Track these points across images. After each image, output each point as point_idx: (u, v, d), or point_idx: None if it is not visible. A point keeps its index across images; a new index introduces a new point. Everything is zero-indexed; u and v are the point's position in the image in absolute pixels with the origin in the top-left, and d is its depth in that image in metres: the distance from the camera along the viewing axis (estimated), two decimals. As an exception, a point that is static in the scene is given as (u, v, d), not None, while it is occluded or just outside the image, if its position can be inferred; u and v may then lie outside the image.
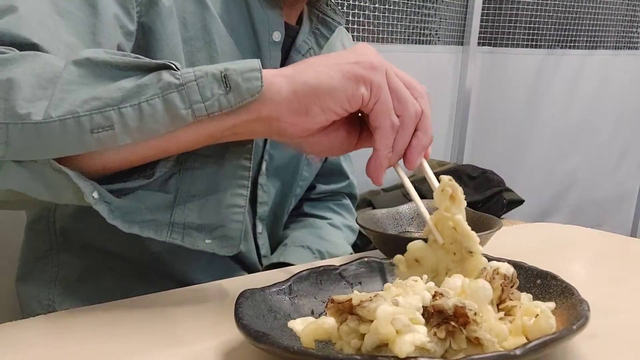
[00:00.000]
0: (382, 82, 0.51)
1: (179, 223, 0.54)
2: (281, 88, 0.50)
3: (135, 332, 0.49)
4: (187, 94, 0.48)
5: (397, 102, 0.52)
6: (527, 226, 0.95)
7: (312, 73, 0.50)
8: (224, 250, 0.55)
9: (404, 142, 0.53)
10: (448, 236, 0.51)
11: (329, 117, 0.51)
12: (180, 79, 0.48)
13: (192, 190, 0.55)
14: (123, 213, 0.52)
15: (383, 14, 2.06)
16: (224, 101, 0.49)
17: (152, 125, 0.49)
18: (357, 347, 0.40)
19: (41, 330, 0.50)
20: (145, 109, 0.48)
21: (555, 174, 2.51)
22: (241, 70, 0.49)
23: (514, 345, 0.38)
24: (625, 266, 0.70)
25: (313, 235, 0.86)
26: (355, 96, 0.50)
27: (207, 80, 0.49)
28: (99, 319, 0.52)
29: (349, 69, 0.50)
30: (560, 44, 2.40)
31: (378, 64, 0.51)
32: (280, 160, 0.80)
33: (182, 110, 0.48)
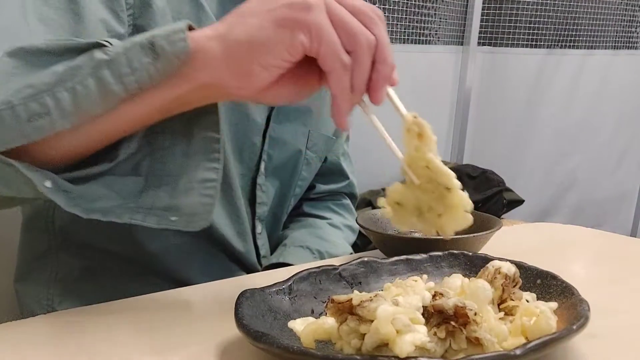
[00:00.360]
0: (321, 21, 0.45)
1: (146, 206, 0.52)
2: (214, 51, 0.47)
3: (135, 332, 0.49)
4: (117, 68, 0.47)
5: (346, 36, 0.46)
6: (527, 226, 0.95)
7: (243, 27, 0.47)
8: (191, 226, 0.53)
9: (361, 79, 0.48)
10: (423, 175, 0.48)
11: (273, 72, 0.47)
12: (110, 53, 0.47)
13: (165, 171, 0.53)
14: (86, 201, 0.50)
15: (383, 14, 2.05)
16: (152, 69, 0.47)
17: (88, 106, 0.47)
18: (357, 347, 0.40)
19: (40, 330, 0.50)
20: (79, 90, 0.47)
21: (555, 173, 2.51)
22: (166, 34, 0.47)
23: (513, 346, 0.38)
24: (625, 266, 0.70)
25: (313, 236, 0.86)
26: (294, 45, 0.46)
27: (134, 50, 0.47)
28: (98, 319, 0.52)
29: (281, 15, 0.46)
30: (560, 43, 2.40)
31: (314, 0, 0.46)
32: (278, 160, 0.80)
33: (114, 86, 0.47)
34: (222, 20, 0.49)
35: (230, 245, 0.75)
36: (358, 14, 0.47)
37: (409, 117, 0.48)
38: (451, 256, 0.57)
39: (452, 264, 0.56)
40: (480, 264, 0.51)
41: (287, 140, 0.79)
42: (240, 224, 0.76)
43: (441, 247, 0.58)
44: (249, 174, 0.77)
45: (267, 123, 0.76)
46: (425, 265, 0.56)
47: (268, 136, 0.77)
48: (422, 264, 0.56)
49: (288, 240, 0.85)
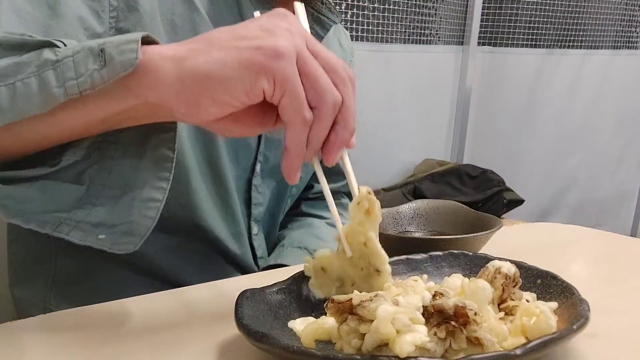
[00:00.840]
0: (288, 72, 0.43)
1: (75, 219, 0.50)
2: (166, 73, 0.44)
3: (134, 333, 0.49)
4: (62, 71, 0.44)
5: (313, 91, 0.44)
6: (527, 226, 0.95)
7: (205, 58, 0.44)
8: (116, 247, 0.51)
9: (319, 138, 0.46)
10: (357, 250, 0.48)
11: (225, 109, 0.45)
12: (59, 55, 0.45)
13: (108, 183, 0.51)
14: (15, 202, 0.49)
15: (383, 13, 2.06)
16: (96, 77, 0.44)
17: (25, 106, 0.45)
18: (358, 347, 0.40)
19: (38, 331, 0.50)
20: (19, 88, 0.45)
21: (555, 173, 2.51)
22: (119, 42, 0.44)
23: (513, 346, 0.38)
24: (625, 266, 0.70)
25: (311, 236, 0.86)
26: (255, 89, 0.43)
27: (83, 54, 0.44)
28: (96, 319, 0.52)
29: (248, 57, 0.43)
30: (560, 43, 2.41)
31: (286, 48, 0.43)
32: (275, 160, 0.80)
33: (55, 89, 0.44)
34: (186, 42, 0.46)
35: (226, 247, 0.75)
36: (330, 70, 0.45)
37: (364, 190, 0.47)
38: (451, 256, 0.57)
39: (452, 264, 0.56)
40: (480, 264, 0.51)
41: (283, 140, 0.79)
42: (236, 225, 0.76)
43: (441, 247, 0.58)
44: (244, 176, 0.77)
45: None
46: (425, 265, 0.56)
47: (264, 137, 0.76)
48: (422, 264, 0.56)
49: (286, 240, 0.84)
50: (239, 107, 0.45)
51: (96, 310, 0.54)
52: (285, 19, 0.46)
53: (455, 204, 0.75)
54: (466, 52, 2.30)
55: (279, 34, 0.44)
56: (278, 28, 0.45)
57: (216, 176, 0.72)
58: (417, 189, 2.06)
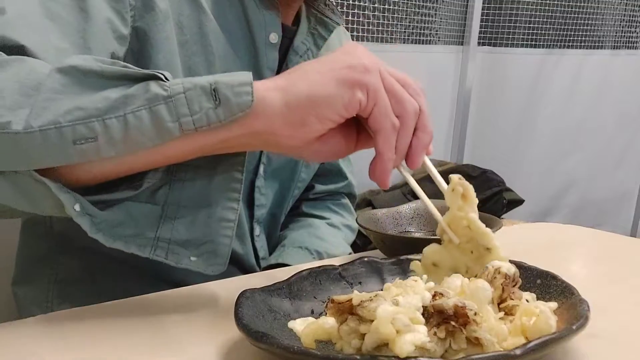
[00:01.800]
0: (377, 84, 0.49)
1: (164, 238, 0.52)
2: (273, 101, 0.49)
3: (134, 332, 0.49)
4: (174, 107, 0.47)
5: (395, 102, 0.50)
6: (527, 226, 0.95)
7: (305, 83, 0.49)
8: (210, 269, 0.53)
9: (405, 143, 0.51)
10: (463, 235, 0.50)
11: (326, 125, 0.50)
12: (169, 90, 0.47)
13: (182, 202, 0.53)
14: (109, 226, 0.50)
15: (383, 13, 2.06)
16: (212, 115, 0.47)
17: (138, 138, 0.47)
18: (358, 347, 0.40)
19: (38, 331, 0.50)
20: (131, 121, 0.46)
21: (555, 174, 2.51)
22: (231, 84, 0.48)
23: (513, 345, 0.38)
24: (625, 266, 0.70)
25: (311, 236, 0.86)
26: (352, 102, 0.49)
27: (195, 92, 0.47)
28: (97, 319, 0.52)
29: (343, 75, 0.49)
30: (560, 43, 2.41)
31: (371, 65, 0.50)
32: (277, 162, 0.80)
33: (169, 124, 0.47)
34: (283, 75, 0.51)
35: None
36: (405, 85, 0.51)
37: (455, 177, 0.50)
38: (451, 256, 0.56)
39: (452, 264, 0.56)
40: (480, 264, 0.51)
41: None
42: (239, 226, 0.76)
43: (441, 247, 0.58)
44: (247, 177, 0.77)
45: None
46: (425, 265, 0.56)
47: None
48: (422, 264, 0.56)
49: (287, 240, 0.85)
50: (339, 121, 0.50)
51: (96, 310, 0.54)
52: (357, 48, 0.52)
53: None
54: (466, 52, 2.30)
55: (362, 56, 0.50)
56: (358, 53, 0.51)
57: None
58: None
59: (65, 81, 0.47)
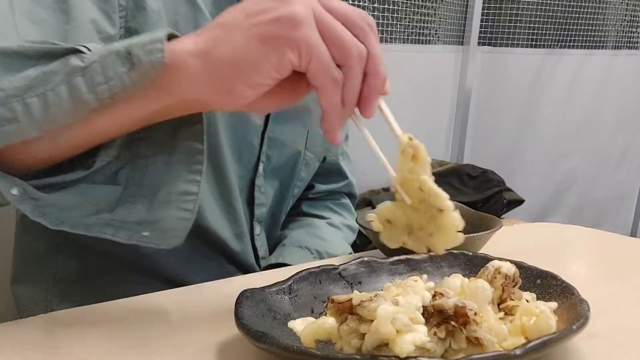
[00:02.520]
0: (310, 37, 0.43)
1: (119, 220, 0.51)
2: (196, 69, 0.45)
3: (134, 332, 0.49)
4: (90, 77, 0.44)
5: (336, 50, 0.44)
6: (527, 226, 0.95)
7: (228, 46, 0.44)
8: (164, 243, 0.51)
9: (353, 94, 0.46)
10: (416, 196, 0.47)
11: (259, 89, 0.45)
12: (86, 61, 0.45)
13: (145, 181, 0.51)
14: (57, 210, 0.49)
15: (383, 13, 2.06)
16: (127, 80, 0.44)
17: (58, 115, 0.45)
18: (358, 346, 0.40)
19: (38, 331, 0.50)
20: (51, 98, 0.45)
21: (555, 173, 2.51)
22: (143, 43, 0.44)
23: (513, 345, 0.38)
24: (625, 266, 0.70)
25: (311, 235, 0.86)
26: (283, 64, 0.43)
27: (110, 59, 0.44)
28: (97, 319, 0.52)
29: (268, 33, 0.43)
30: (560, 43, 2.41)
31: (302, 14, 0.43)
32: (277, 161, 0.80)
33: (86, 95, 0.45)
34: (203, 31, 0.46)
35: (228, 247, 0.75)
36: (348, 24, 0.45)
37: (404, 138, 0.47)
38: (451, 256, 0.57)
39: (452, 264, 0.56)
40: (480, 263, 0.51)
41: (286, 141, 0.79)
42: (238, 225, 0.76)
43: (441, 247, 0.58)
44: (247, 175, 0.77)
45: (266, 124, 0.76)
46: (425, 265, 0.56)
47: (266, 137, 0.77)
48: (422, 264, 0.56)
49: (287, 240, 0.85)
50: (272, 84, 0.45)
51: (96, 310, 0.54)
52: None
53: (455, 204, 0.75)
54: (466, 52, 2.30)
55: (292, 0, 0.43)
56: None
57: (219, 175, 0.72)
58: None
59: None
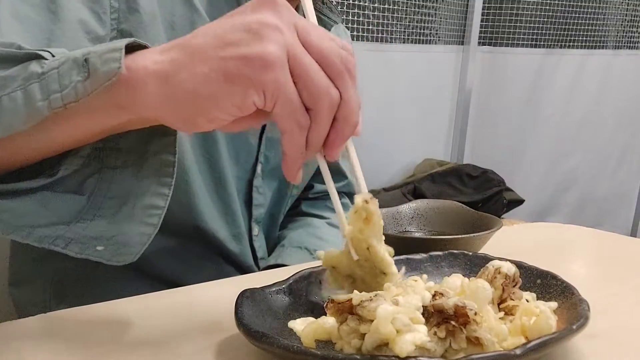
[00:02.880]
0: (278, 81, 0.40)
1: (76, 233, 0.49)
2: (154, 92, 0.42)
3: (133, 333, 0.49)
4: (46, 83, 0.43)
5: (307, 94, 0.41)
6: (527, 226, 0.95)
7: (189, 74, 0.41)
8: (116, 259, 0.49)
9: (318, 139, 0.43)
10: (362, 254, 0.47)
11: (219, 123, 0.43)
12: (45, 67, 0.43)
13: (110, 193, 0.49)
14: (12, 216, 0.47)
15: (383, 13, 2.06)
16: (80, 88, 0.43)
17: (11, 121, 0.44)
18: (358, 346, 0.40)
19: (37, 331, 0.50)
20: (5, 103, 0.43)
21: (555, 173, 2.51)
22: (102, 51, 0.43)
23: (513, 345, 0.38)
24: (625, 266, 0.70)
25: (311, 236, 0.86)
26: (245, 104, 0.41)
27: (68, 66, 0.43)
28: (96, 319, 0.52)
29: (234, 69, 0.40)
30: (561, 43, 2.41)
31: (274, 55, 0.40)
32: (275, 161, 0.79)
33: (39, 102, 0.43)
34: (169, 49, 0.43)
35: (226, 248, 0.74)
36: (325, 64, 0.42)
37: (359, 201, 0.46)
38: (451, 256, 0.57)
39: (452, 264, 0.56)
40: (480, 263, 0.51)
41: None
42: (237, 226, 0.75)
43: (441, 247, 0.58)
44: (245, 176, 0.77)
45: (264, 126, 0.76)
46: (425, 265, 0.56)
47: (265, 137, 0.76)
48: (422, 264, 0.56)
49: (286, 241, 0.84)
50: (232, 119, 0.43)
51: (96, 310, 0.54)
52: (274, 8, 0.42)
53: (456, 204, 0.75)
54: (466, 52, 2.30)
55: (267, 35, 0.40)
56: (265, 27, 0.41)
57: (216, 177, 0.72)
58: (417, 189, 2.06)
59: None
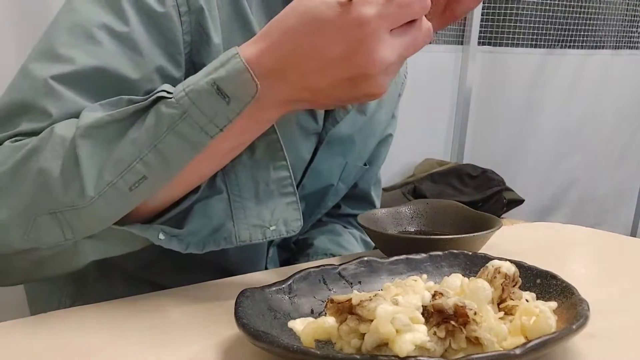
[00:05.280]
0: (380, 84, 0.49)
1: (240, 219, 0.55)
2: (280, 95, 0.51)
3: (134, 331, 0.49)
4: (192, 120, 0.49)
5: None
6: (527, 226, 0.95)
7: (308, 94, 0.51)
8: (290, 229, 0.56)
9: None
10: None
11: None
12: (178, 107, 0.49)
13: (240, 178, 0.56)
14: (195, 236, 0.54)
15: None
16: (229, 112, 0.49)
17: (178, 159, 0.50)
18: (357, 346, 0.40)
19: (43, 329, 0.50)
20: (163, 149, 0.49)
21: (555, 173, 2.51)
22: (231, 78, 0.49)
23: (513, 345, 0.38)
24: (625, 266, 0.70)
25: (333, 243, 0.84)
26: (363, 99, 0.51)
27: (203, 99, 0.49)
28: (99, 318, 0.52)
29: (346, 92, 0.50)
30: (561, 43, 2.41)
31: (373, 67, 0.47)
32: (309, 189, 0.77)
33: (196, 137, 0.49)
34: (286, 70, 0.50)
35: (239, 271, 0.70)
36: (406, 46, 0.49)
37: None
38: (451, 256, 0.57)
39: (452, 264, 0.56)
40: (480, 263, 0.51)
41: (324, 172, 0.77)
42: (254, 251, 0.74)
43: (441, 247, 0.58)
44: None
45: (312, 158, 0.74)
46: (425, 264, 0.56)
47: (310, 170, 0.75)
48: (422, 264, 0.56)
49: (311, 250, 0.83)
50: None
51: (96, 310, 0.54)
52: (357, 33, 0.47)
53: (456, 204, 0.75)
54: (466, 51, 2.30)
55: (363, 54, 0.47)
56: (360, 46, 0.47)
57: None
58: (417, 188, 2.06)
59: (92, 143, 0.50)
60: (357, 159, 0.82)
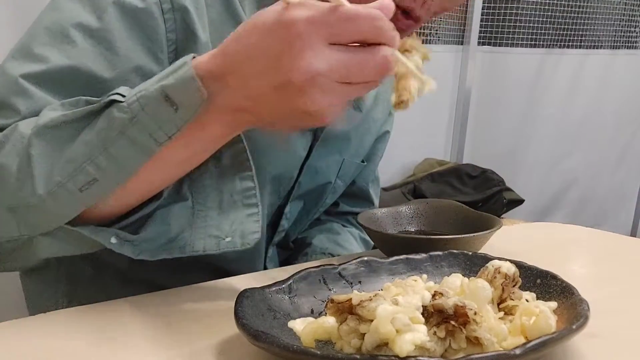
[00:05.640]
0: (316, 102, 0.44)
1: (198, 228, 0.55)
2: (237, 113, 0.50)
3: (134, 332, 0.49)
4: (142, 125, 0.48)
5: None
6: (527, 226, 0.95)
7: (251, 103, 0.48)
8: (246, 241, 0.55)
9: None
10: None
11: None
12: (128, 112, 0.48)
13: (206, 187, 0.56)
14: (150, 243, 0.54)
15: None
16: (177, 120, 0.48)
17: (128, 164, 0.50)
18: (358, 346, 0.40)
19: (40, 330, 0.50)
20: (114, 153, 0.49)
21: (555, 173, 2.51)
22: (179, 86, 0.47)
23: (513, 345, 0.38)
24: (625, 266, 0.70)
25: (332, 242, 0.84)
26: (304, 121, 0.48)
27: (152, 106, 0.48)
28: (98, 318, 0.52)
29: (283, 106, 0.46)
30: (560, 43, 2.41)
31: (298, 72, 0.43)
32: (307, 186, 0.78)
33: (145, 141, 0.49)
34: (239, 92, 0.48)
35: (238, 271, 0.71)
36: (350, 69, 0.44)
37: None
38: (451, 256, 0.57)
39: (452, 264, 0.56)
40: (480, 263, 0.51)
41: (321, 169, 0.77)
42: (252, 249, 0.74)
43: (441, 247, 0.58)
44: (277, 202, 0.75)
45: (308, 155, 0.74)
46: (425, 264, 0.56)
47: (306, 166, 0.75)
48: (422, 264, 0.56)
49: (309, 249, 0.83)
50: None
51: (96, 310, 0.54)
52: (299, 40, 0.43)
53: (456, 204, 0.75)
54: (466, 51, 2.30)
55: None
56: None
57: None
58: (417, 188, 2.06)
59: (45, 142, 0.50)
60: (353, 156, 0.82)
